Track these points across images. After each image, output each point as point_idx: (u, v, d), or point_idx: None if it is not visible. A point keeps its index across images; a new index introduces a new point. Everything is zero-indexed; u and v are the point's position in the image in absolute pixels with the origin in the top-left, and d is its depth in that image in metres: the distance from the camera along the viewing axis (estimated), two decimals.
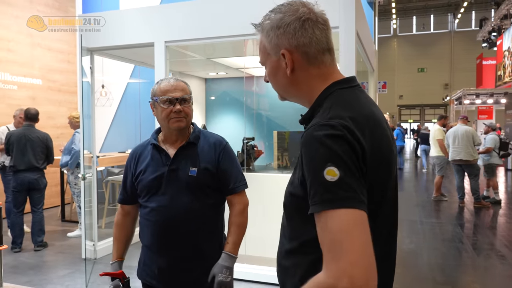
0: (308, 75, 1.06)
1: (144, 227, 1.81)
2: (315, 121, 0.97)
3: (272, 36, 1.06)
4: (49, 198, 7.23)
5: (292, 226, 1.07)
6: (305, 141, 0.93)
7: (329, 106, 1.00)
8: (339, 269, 0.82)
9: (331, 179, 0.86)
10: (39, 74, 7.47)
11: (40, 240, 5.08)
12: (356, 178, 0.88)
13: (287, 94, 1.14)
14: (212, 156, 1.81)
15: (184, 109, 1.77)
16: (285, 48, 1.04)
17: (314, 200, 0.88)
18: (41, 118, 7.17)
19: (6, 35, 6.84)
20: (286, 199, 1.08)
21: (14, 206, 5.00)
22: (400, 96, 36.89)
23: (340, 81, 1.07)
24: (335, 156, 0.87)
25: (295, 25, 1.03)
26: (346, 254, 0.82)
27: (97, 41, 4.43)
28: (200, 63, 5.82)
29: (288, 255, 1.08)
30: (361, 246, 0.83)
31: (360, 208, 0.86)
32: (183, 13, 4.08)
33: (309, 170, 0.90)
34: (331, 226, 0.85)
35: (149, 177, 1.78)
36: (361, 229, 0.85)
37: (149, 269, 1.80)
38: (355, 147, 0.90)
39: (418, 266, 4.59)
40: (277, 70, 1.09)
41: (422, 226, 6.32)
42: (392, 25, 36.70)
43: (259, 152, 5.14)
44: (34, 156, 4.99)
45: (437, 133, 7.94)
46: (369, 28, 5.29)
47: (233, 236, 1.77)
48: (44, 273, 4.29)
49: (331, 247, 0.85)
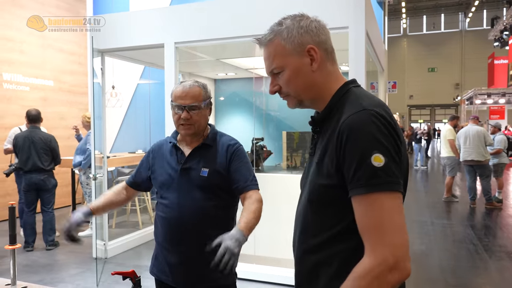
0: (327, 71, 1.14)
1: (157, 223, 1.85)
2: (348, 111, 1.03)
3: (295, 35, 1.11)
4: (61, 198, 7.31)
5: (322, 218, 1.10)
6: (349, 130, 0.99)
7: (354, 98, 1.08)
8: (385, 249, 0.92)
9: (378, 165, 0.94)
10: (50, 75, 7.56)
11: (51, 239, 5.14)
12: (397, 164, 0.97)
13: (307, 94, 1.15)
14: (224, 158, 1.83)
15: (193, 117, 1.77)
16: (311, 44, 1.11)
17: (360, 183, 0.96)
18: (52, 119, 7.30)
19: (18, 37, 6.93)
20: (315, 193, 1.10)
21: (25, 205, 5.07)
22: (410, 96, 36.60)
23: (351, 81, 1.17)
24: (380, 144, 0.96)
25: (315, 24, 1.13)
26: (390, 235, 0.92)
27: (107, 43, 4.46)
28: (209, 64, 5.84)
29: (319, 248, 1.11)
30: (401, 228, 0.93)
31: (399, 191, 0.96)
32: (192, 14, 4.09)
33: (354, 156, 0.97)
34: (376, 208, 0.94)
35: (163, 173, 1.83)
36: (401, 211, 0.95)
37: (161, 265, 1.84)
38: (393, 135, 0.99)
39: (429, 268, 4.55)
40: (300, 69, 1.12)
41: (433, 227, 6.26)
42: (402, 24, 36.44)
43: (268, 152, 5.14)
44: (38, 157, 5.03)
45: (448, 133, 7.86)
46: (379, 28, 5.26)
47: (246, 218, 1.65)
48: (56, 272, 4.34)
49: (375, 229, 0.94)
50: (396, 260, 0.91)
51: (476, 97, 17.76)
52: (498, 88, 19.53)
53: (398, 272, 0.91)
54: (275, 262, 4.08)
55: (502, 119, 19.00)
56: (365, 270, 0.94)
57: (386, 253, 0.91)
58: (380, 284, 0.92)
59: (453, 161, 7.93)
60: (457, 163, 7.96)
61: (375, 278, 0.92)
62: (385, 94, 6.25)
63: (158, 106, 6.31)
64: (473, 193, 7.66)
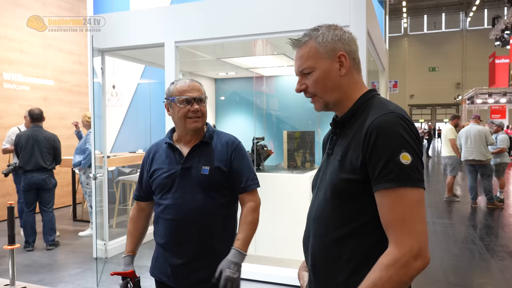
0: (353, 79, 1.25)
1: (158, 225, 1.83)
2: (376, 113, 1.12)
3: (330, 41, 1.22)
4: (61, 198, 7.31)
5: (344, 213, 1.16)
6: (379, 129, 1.08)
7: (380, 103, 1.18)
8: (411, 239, 1.01)
9: (405, 163, 1.04)
10: (51, 75, 7.55)
11: (51, 239, 5.13)
12: (420, 162, 1.08)
13: (333, 97, 1.24)
14: (224, 155, 1.82)
15: (201, 109, 1.80)
16: (342, 51, 1.21)
17: (388, 178, 1.05)
18: (53, 119, 7.28)
19: (19, 36, 6.92)
20: (337, 187, 1.17)
21: (25, 205, 5.06)
22: (411, 96, 36.55)
23: (373, 89, 1.29)
24: (408, 144, 1.06)
25: (347, 35, 1.24)
26: (415, 226, 1.02)
27: (107, 42, 4.45)
28: (210, 63, 5.83)
29: (340, 242, 1.17)
30: (424, 219, 1.04)
31: (423, 187, 1.07)
32: (193, 13, 4.08)
33: (383, 153, 1.06)
34: (403, 202, 1.03)
35: (163, 175, 1.80)
36: (424, 205, 1.06)
37: (162, 266, 1.82)
38: (417, 137, 1.10)
39: (430, 268, 4.53)
40: (328, 72, 1.22)
41: (434, 227, 6.24)
42: (403, 24, 36.38)
43: (269, 152, 5.12)
44: (41, 156, 5.02)
45: (449, 132, 7.84)
46: (380, 27, 5.24)
47: (243, 233, 1.77)
48: (56, 272, 4.33)
49: (402, 221, 1.03)
50: (419, 248, 1.01)
51: (477, 97, 17.72)
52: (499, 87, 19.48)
53: (421, 259, 1.01)
54: (276, 262, 4.07)
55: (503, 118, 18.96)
56: (393, 260, 1.02)
57: (411, 242, 1.01)
58: (407, 271, 1.01)
59: (454, 160, 7.90)
60: (458, 162, 7.94)
61: (402, 266, 1.01)
62: (386, 93, 6.23)
63: (158, 106, 6.30)
64: (474, 193, 7.64)
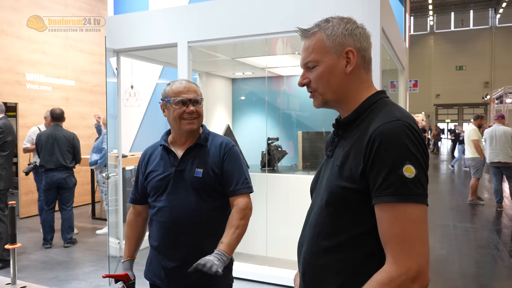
0: (360, 78, 1.15)
1: (152, 227, 1.82)
2: (381, 119, 1.03)
3: (339, 35, 1.13)
4: (81, 196, 7.45)
5: (337, 222, 1.09)
6: (382, 137, 0.99)
7: (386, 108, 1.08)
8: (409, 259, 0.94)
9: (409, 176, 0.96)
10: (72, 75, 7.71)
11: (69, 237, 5.23)
12: (425, 176, 0.99)
13: (334, 95, 1.16)
14: (217, 157, 1.80)
15: (197, 110, 1.78)
16: (351, 48, 1.12)
17: (389, 192, 0.97)
18: (74, 118, 7.43)
19: (41, 38, 7.09)
20: (334, 194, 1.09)
21: (45, 204, 5.17)
22: (437, 95, 35.64)
23: (382, 91, 1.19)
24: (412, 156, 0.98)
25: (360, 30, 1.15)
26: (416, 246, 0.95)
27: (122, 43, 4.49)
28: (226, 63, 5.81)
29: (331, 252, 1.10)
30: (426, 239, 0.96)
31: (426, 203, 0.98)
32: (206, 12, 4.07)
33: (385, 164, 0.97)
34: (403, 218, 0.95)
35: (157, 177, 1.79)
36: (426, 224, 0.97)
37: (155, 269, 1.81)
38: (423, 147, 1.01)
39: (449, 274, 4.37)
40: (333, 68, 1.13)
41: (455, 231, 6.04)
42: (429, 21, 35.51)
43: (284, 152, 5.06)
44: (61, 155, 5.12)
45: (472, 133, 7.58)
46: (398, 25, 5.10)
47: (227, 237, 1.67)
48: (71, 269, 4.40)
49: (401, 239, 0.95)
50: (419, 271, 0.94)
51: (507, 96, 17.08)
52: None
53: (419, 282, 0.94)
54: (288, 264, 4.01)
55: None
56: (388, 278, 0.95)
57: (410, 264, 0.94)
58: None
59: (478, 162, 7.63)
60: (481, 164, 7.66)
61: (397, 287, 0.94)
62: (406, 93, 6.06)
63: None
64: (499, 196, 7.36)
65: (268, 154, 4.86)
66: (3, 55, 6.57)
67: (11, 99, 6.79)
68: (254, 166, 5.12)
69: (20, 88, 6.82)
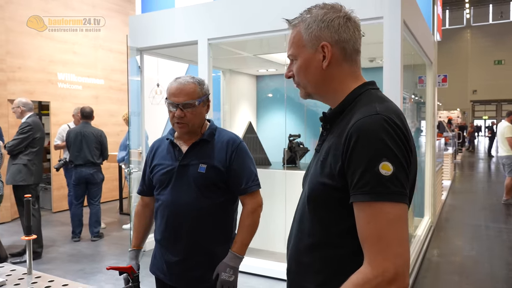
0: (342, 71, 1.10)
1: (156, 220, 1.84)
2: (361, 113, 0.98)
3: (314, 28, 1.08)
4: (110, 192, 7.67)
5: (318, 219, 1.07)
6: (359, 133, 0.95)
7: (369, 101, 1.03)
8: (386, 260, 0.89)
9: (385, 173, 0.91)
10: (101, 74, 7.93)
11: (96, 231, 5.39)
12: (405, 174, 0.94)
13: (315, 90, 1.14)
14: (223, 154, 1.78)
15: (187, 115, 1.73)
16: (326, 41, 1.07)
17: (364, 190, 0.92)
18: (103, 116, 7.65)
19: (71, 38, 7.33)
20: (314, 191, 1.06)
21: (74, 198, 5.35)
22: (474, 91, 34.29)
23: (370, 82, 1.14)
24: (390, 152, 0.92)
25: (339, 21, 1.08)
26: (393, 247, 0.90)
27: (145, 41, 4.57)
28: (249, 60, 5.82)
29: (311, 250, 1.08)
30: (404, 240, 0.91)
31: (405, 202, 0.93)
32: (225, 9, 4.08)
33: (361, 161, 0.93)
34: (379, 218, 0.91)
35: (161, 171, 1.80)
36: (405, 223, 0.92)
37: (159, 263, 1.83)
38: (404, 143, 0.95)
39: (478, 276, 4.21)
40: (310, 63, 1.10)
41: (487, 232, 5.80)
42: (465, 15, 34.21)
43: (305, 149, 5.01)
44: (89, 151, 5.28)
45: (507, 130, 7.25)
46: (424, 18, 4.93)
47: (240, 236, 1.74)
48: (97, 262, 4.54)
49: (377, 239, 0.91)
50: (396, 273, 0.89)
51: None
52: None
53: (396, 285, 0.90)
54: None
55: None
56: (364, 280, 0.91)
57: (387, 265, 0.89)
58: None
59: None
60: None
61: None
62: (434, 88, 5.86)
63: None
64: None
65: (290, 151, 4.82)
66: (36, 56, 6.84)
67: (44, 97, 7.07)
68: (277, 163, 5.10)
69: (52, 87, 7.08)
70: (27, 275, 1.96)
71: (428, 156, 5.71)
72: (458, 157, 16.15)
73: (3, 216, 6.25)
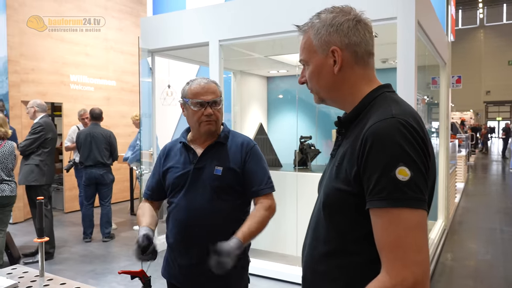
0: (354, 74, 1.08)
1: (168, 224, 1.82)
2: (376, 117, 0.96)
3: (323, 33, 1.07)
4: (121, 193, 7.70)
5: (333, 225, 1.05)
6: (375, 137, 0.93)
7: (384, 104, 1.01)
8: (405, 268, 0.86)
9: (402, 179, 0.88)
10: (113, 76, 7.98)
11: (107, 232, 5.41)
12: (423, 179, 0.91)
13: (328, 95, 1.13)
14: (238, 156, 1.77)
15: (215, 113, 1.75)
16: (336, 46, 1.06)
17: (381, 196, 0.89)
18: (114, 117, 7.70)
19: (83, 40, 7.40)
20: (330, 196, 1.04)
21: (84, 199, 5.38)
22: (487, 92, 33.80)
23: (385, 85, 1.11)
24: (407, 156, 0.89)
25: (348, 24, 1.06)
26: (411, 254, 0.87)
27: (156, 43, 4.58)
28: (260, 62, 5.80)
29: (327, 258, 1.06)
30: (424, 247, 0.88)
31: (424, 208, 0.90)
32: (236, 11, 4.07)
33: (376, 166, 0.91)
34: (397, 224, 0.88)
35: (175, 174, 1.78)
36: (424, 230, 0.89)
37: (171, 268, 1.81)
38: (422, 147, 0.92)
39: (493, 279, 4.12)
40: (322, 68, 1.09)
41: (502, 235, 5.69)
42: (479, 14, 33.76)
43: (317, 151, 4.97)
44: (99, 152, 5.31)
45: None
46: (438, 19, 4.86)
47: (247, 226, 1.63)
48: (108, 263, 4.55)
49: (395, 246, 0.88)
50: (415, 282, 0.86)
51: None
52: None
53: None
54: None
55: None
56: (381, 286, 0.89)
57: (405, 274, 0.86)
58: None
59: None
60: None
61: None
62: (448, 89, 5.78)
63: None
64: None
65: (301, 153, 4.79)
66: (50, 58, 6.91)
67: (57, 99, 7.13)
68: (288, 165, 5.07)
69: (64, 89, 7.15)
70: (39, 277, 1.97)
71: (442, 158, 5.63)
72: (471, 159, 15.92)
73: (16, 216, 6.31)
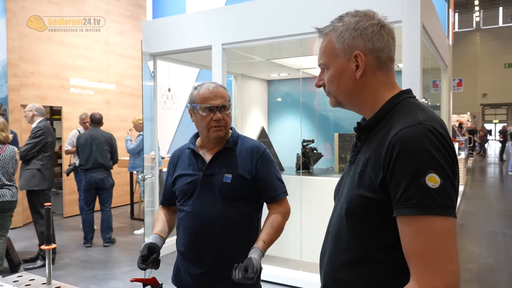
0: (376, 80, 1.07)
1: (178, 232, 1.80)
2: (402, 124, 0.95)
3: (347, 37, 1.05)
4: (121, 197, 7.66)
5: (356, 233, 1.03)
6: (402, 143, 0.91)
7: (409, 110, 1.00)
8: (435, 278, 0.85)
9: (432, 186, 0.87)
10: (113, 79, 7.95)
11: (108, 237, 5.37)
12: (452, 186, 0.90)
13: (347, 99, 1.11)
14: (248, 163, 1.74)
15: (224, 117, 1.72)
16: (360, 50, 1.04)
17: (410, 203, 0.88)
18: (114, 121, 7.66)
19: (84, 44, 7.36)
20: (352, 204, 1.02)
21: (84, 204, 5.34)
22: (484, 95, 33.97)
23: (406, 90, 1.10)
24: (437, 163, 0.88)
25: (373, 29, 1.05)
26: (443, 263, 0.85)
27: (158, 46, 4.56)
28: (261, 65, 5.79)
29: (349, 266, 1.04)
30: (454, 256, 0.86)
31: (454, 216, 0.88)
32: (239, 15, 4.06)
33: (405, 173, 0.89)
34: (427, 232, 0.87)
35: (184, 181, 1.76)
36: (454, 238, 0.88)
37: (182, 275, 1.78)
38: (450, 154, 0.92)
39: (495, 284, 4.11)
40: (343, 72, 1.07)
41: (504, 239, 5.69)
42: (475, 18, 33.95)
43: (319, 154, 4.95)
44: (100, 154, 5.27)
45: None
46: (441, 22, 4.87)
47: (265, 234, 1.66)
48: (109, 269, 4.51)
49: (425, 255, 0.86)
50: None
51: None
52: None
53: None
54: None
55: None
56: None
57: (436, 283, 0.85)
58: None
59: None
60: None
61: None
62: (449, 92, 5.79)
63: None
64: None
65: (303, 157, 4.77)
66: (49, 61, 6.87)
67: (56, 103, 7.09)
68: (290, 169, 5.05)
69: (64, 92, 7.11)
70: (47, 285, 1.93)
71: None
72: (469, 162, 15.97)
73: (16, 221, 6.25)
